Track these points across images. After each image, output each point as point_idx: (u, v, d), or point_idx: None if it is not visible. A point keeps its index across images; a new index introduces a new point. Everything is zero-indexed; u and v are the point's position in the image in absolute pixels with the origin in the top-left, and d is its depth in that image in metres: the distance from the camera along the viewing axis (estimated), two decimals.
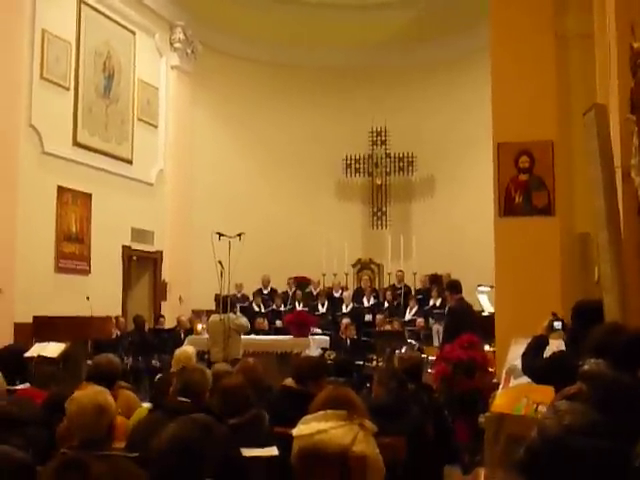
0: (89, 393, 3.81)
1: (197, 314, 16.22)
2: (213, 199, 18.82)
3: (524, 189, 10.08)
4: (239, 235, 12.13)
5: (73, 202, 14.95)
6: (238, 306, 14.09)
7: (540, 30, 10.04)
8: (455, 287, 10.99)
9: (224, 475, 3.79)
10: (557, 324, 5.59)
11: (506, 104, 10.17)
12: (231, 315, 11.74)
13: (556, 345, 5.57)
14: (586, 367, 3.09)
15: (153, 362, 14.20)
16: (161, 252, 17.75)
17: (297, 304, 17.66)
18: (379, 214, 20.01)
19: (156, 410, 4.96)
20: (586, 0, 9.10)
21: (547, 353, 5.40)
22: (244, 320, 12.14)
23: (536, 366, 5.32)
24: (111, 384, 5.16)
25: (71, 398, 3.81)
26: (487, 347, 10.38)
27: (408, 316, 16.57)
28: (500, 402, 7.13)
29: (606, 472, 2.81)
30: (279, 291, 18.44)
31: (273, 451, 4.57)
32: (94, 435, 3.62)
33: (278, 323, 16.73)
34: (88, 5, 15.58)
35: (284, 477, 4.89)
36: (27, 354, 10.77)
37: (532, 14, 10.12)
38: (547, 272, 9.63)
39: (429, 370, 10.19)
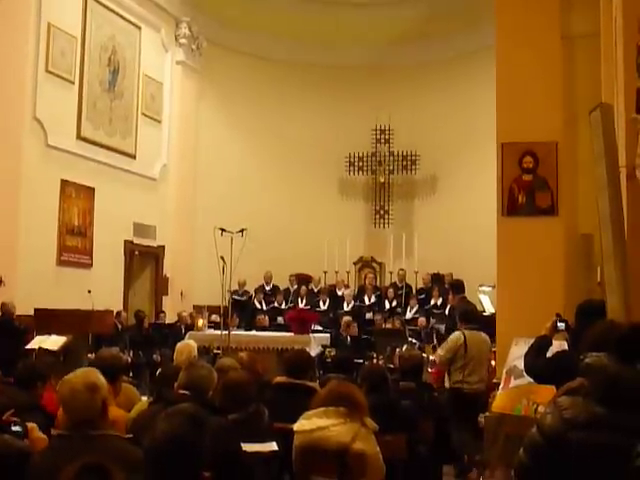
0: (79, 374, 3.79)
1: (198, 310, 16.22)
2: (216, 195, 18.80)
3: (528, 189, 10.07)
4: (241, 231, 12.11)
5: (76, 196, 14.95)
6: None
7: (545, 29, 10.02)
8: (458, 287, 10.96)
9: (224, 469, 3.79)
10: (561, 325, 5.58)
11: (511, 104, 10.16)
12: None
13: (559, 346, 5.57)
14: (587, 360, 3.09)
15: (154, 357, 14.20)
16: (163, 247, 17.74)
17: (300, 301, 17.65)
18: (381, 212, 19.98)
19: (157, 402, 4.96)
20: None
21: (550, 354, 5.40)
22: None
23: (538, 366, 5.31)
24: (114, 378, 5.15)
25: (62, 381, 3.81)
26: None
27: (409, 315, 16.57)
28: (500, 402, 7.14)
29: (606, 466, 2.80)
30: (281, 288, 18.42)
31: (273, 446, 4.56)
32: (88, 415, 3.62)
33: (279, 320, 16.72)
34: None
35: (284, 472, 4.90)
36: (28, 346, 10.86)
37: (537, 13, 10.10)
38: (550, 273, 9.62)
39: (429, 369, 10.20)
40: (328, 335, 14.52)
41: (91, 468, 2.79)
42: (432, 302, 16.69)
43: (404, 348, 11.96)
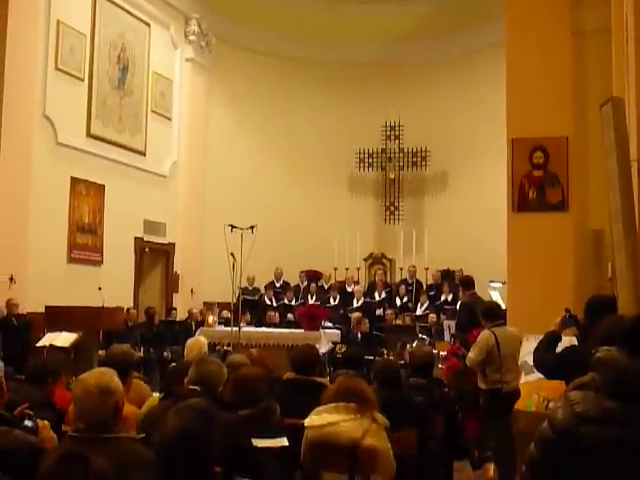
0: (94, 374, 3.74)
1: (208, 306, 16.23)
2: (226, 192, 18.80)
3: (538, 185, 10.06)
4: (251, 227, 12.11)
5: (86, 193, 14.97)
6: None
7: (556, 25, 10.01)
8: (468, 283, 10.91)
9: (234, 464, 3.79)
10: (570, 320, 5.57)
11: (521, 100, 10.15)
12: None
13: (569, 341, 5.56)
14: (599, 354, 3.07)
15: (165, 354, 14.20)
16: (173, 244, 17.76)
17: (310, 297, 17.64)
18: (392, 209, 19.95)
19: (167, 398, 4.96)
20: None
21: (560, 349, 5.38)
22: None
23: (548, 361, 5.30)
24: (125, 374, 5.14)
25: (77, 379, 3.77)
26: None
27: (419, 311, 16.54)
28: None
29: (618, 461, 2.79)
30: (291, 284, 18.41)
31: (283, 442, 4.56)
32: (100, 417, 3.57)
33: (289, 316, 16.72)
34: None
35: (294, 467, 4.90)
36: (39, 343, 10.87)
37: (548, 8, 10.09)
38: (560, 268, 9.60)
39: (440, 365, 10.18)
40: (338, 331, 14.51)
41: (71, 457, 2.78)
42: (442, 298, 16.64)
43: (415, 344, 11.95)
